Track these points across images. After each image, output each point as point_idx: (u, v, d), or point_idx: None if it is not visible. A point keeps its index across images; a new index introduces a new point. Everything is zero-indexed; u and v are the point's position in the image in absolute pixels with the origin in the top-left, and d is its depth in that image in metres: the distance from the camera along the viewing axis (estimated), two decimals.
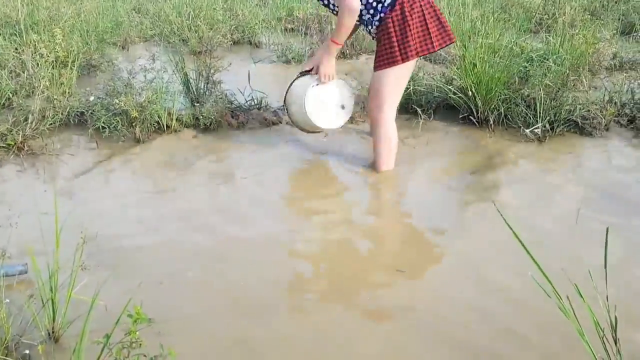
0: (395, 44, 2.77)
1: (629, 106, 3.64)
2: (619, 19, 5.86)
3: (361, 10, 2.81)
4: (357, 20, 2.90)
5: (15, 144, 3.25)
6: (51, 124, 3.45)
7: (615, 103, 3.66)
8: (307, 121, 3.03)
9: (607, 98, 3.71)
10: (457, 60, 4.03)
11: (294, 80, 3.15)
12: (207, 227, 2.61)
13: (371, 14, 2.83)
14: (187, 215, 2.71)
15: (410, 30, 2.75)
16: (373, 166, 3.14)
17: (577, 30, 4.46)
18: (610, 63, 4.52)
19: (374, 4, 2.80)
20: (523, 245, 1.31)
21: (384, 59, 2.83)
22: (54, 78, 3.90)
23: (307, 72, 3.09)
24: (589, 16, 5.68)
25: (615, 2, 6.72)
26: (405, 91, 3.78)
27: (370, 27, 2.89)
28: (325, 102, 3.00)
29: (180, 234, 2.56)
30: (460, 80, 3.60)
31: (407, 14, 2.74)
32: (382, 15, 2.78)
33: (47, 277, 1.81)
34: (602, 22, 5.61)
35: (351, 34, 3.03)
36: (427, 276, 2.33)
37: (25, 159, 3.23)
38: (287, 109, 3.21)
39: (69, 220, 2.17)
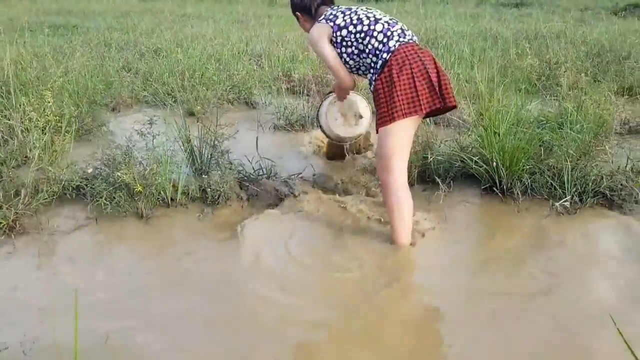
0: (384, 104, 2.76)
1: None
2: (613, 80, 5.86)
3: (357, 68, 3.00)
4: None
5: (6, 222, 2.94)
6: (45, 198, 3.15)
7: (639, 173, 3.53)
8: (330, 132, 3.61)
9: (629, 166, 3.58)
10: (471, 127, 3.90)
11: (323, 101, 3.73)
12: (219, 321, 2.32)
13: (372, 73, 2.89)
14: (195, 308, 2.41)
15: (396, 91, 2.71)
16: (391, 240, 2.92)
17: (585, 95, 4.40)
18: (624, 128, 4.44)
19: (372, 64, 2.87)
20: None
21: (378, 119, 2.81)
22: (47, 146, 3.64)
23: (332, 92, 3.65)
24: (586, 77, 5.67)
25: (607, 63, 6.79)
26: (422, 160, 3.64)
27: (370, 87, 2.94)
28: (344, 113, 3.46)
29: (187, 329, 2.25)
30: (484, 150, 3.43)
31: (394, 75, 2.72)
32: (375, 76, 2.82)
33: None
34: (601, 83, 5.60)
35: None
36: None
37: (17, 239, 2.92)
38: (319, 125, 3.79)
39: (59, 312, 1.89)
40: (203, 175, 3.43)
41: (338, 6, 3.06)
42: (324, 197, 3.48)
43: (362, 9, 2.96)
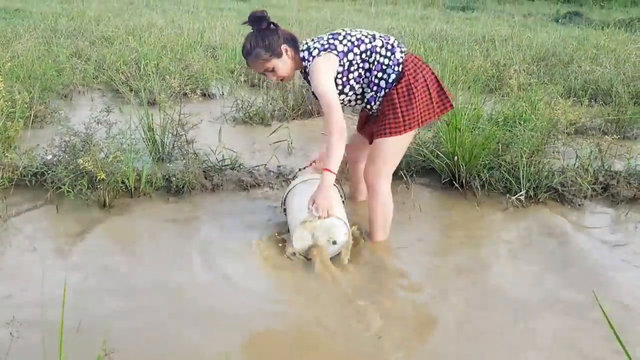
0: (400, 115, 2.71)
1: (601, 173, 3.70)
2: (559, 83, 6.12)
3: (362, 90, 2.79)
4: (354, 104, 2.88)
5: None
6: (3, 185, 3.04)
7: (587, 170, 3.71)
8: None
9: (577, 164, 3.77)
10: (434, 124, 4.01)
11: (293, 184, 2.97)
12: (182, 316, 2.27)
13: (375, 91, 2.76)
14: (157, 307, 2.32)
15: (415, 101, 2.70)
16: (368, 235, 2.96)
17: (536, 95, 4.59)
18: (571, 128, 4.65)
19: (376, 80, 2.74)
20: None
21: (387, 128, 2.74)
22: (0, 132, 3.50)
23: (306, 168, 3.17)
24: (534, 80, 5.92)
25: (551, 67, 7.09)
26: None
27: (372, 104, 2.81)
28: (316, 236, 2.70)
29: (150, 326, 2.20)
30: (446, 145, 3.54)
31: (412, 86, 2.70)
32: (386, 91, 2.74)
33: None
34: (548, 85, 5.86)
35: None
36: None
37: None
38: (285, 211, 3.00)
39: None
40: (167, 164, 3.39)
41: (319, 37, 2.79)
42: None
43: (353, 31, 2.77)
